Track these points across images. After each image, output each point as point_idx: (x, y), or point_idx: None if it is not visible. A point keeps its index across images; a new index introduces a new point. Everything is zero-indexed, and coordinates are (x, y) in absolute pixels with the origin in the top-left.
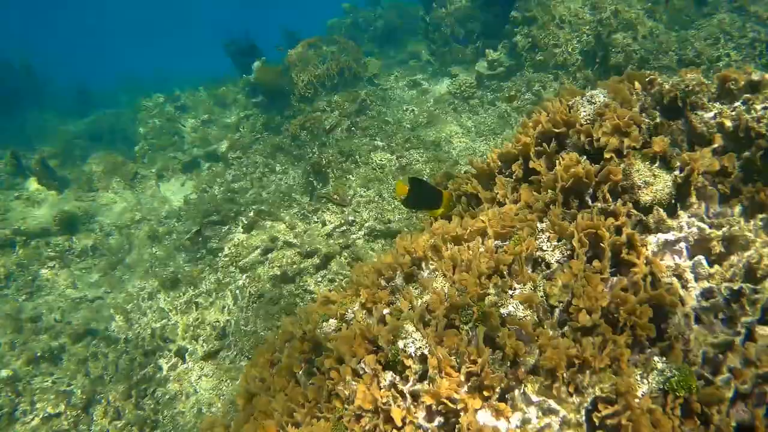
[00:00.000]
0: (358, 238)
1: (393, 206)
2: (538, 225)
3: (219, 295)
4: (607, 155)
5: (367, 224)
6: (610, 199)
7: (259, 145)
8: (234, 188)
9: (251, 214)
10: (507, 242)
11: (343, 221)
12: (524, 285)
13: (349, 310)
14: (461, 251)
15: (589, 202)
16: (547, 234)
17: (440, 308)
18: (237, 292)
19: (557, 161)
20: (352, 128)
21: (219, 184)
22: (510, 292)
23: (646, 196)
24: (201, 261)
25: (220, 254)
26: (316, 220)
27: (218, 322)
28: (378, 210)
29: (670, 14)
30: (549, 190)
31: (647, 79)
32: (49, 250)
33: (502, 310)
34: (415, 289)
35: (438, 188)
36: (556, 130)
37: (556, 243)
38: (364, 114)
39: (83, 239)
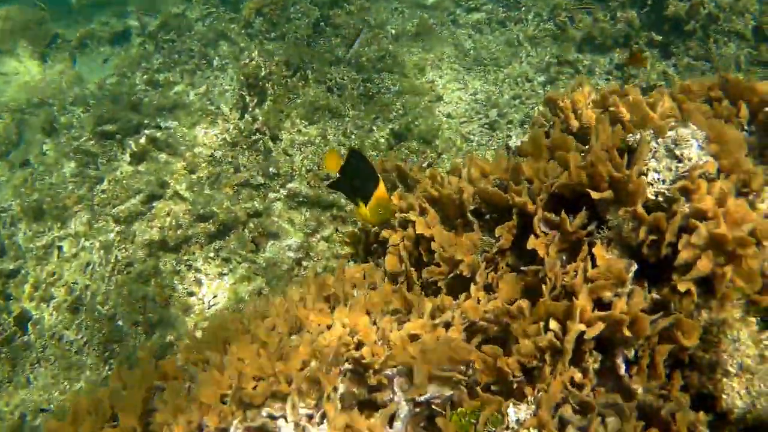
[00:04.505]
0: (278, 199)
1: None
2: (511, 412)
3: (87, 244)
4: (681, 287)
5: (290, 185)
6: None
7: (203, 26)
8: (158, 79)
9: (142, 140)
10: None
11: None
12: None
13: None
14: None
15: (622, 370)
16: None
17: None
18: (102, 252)
19: (580, 259)
20: (321, 23)
21: (143, 70)
22: None
23: (735, 399)
24: (87, 180)
25: (98, 186)
26: (230, 160)
27: (77, 284)
28: (316, 158)
29: None
30: (552, 329)
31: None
32: None
33: None
34: None
35: (376, 175)
36: (595, 196)
37: None
38: (340, 7)
39: None
